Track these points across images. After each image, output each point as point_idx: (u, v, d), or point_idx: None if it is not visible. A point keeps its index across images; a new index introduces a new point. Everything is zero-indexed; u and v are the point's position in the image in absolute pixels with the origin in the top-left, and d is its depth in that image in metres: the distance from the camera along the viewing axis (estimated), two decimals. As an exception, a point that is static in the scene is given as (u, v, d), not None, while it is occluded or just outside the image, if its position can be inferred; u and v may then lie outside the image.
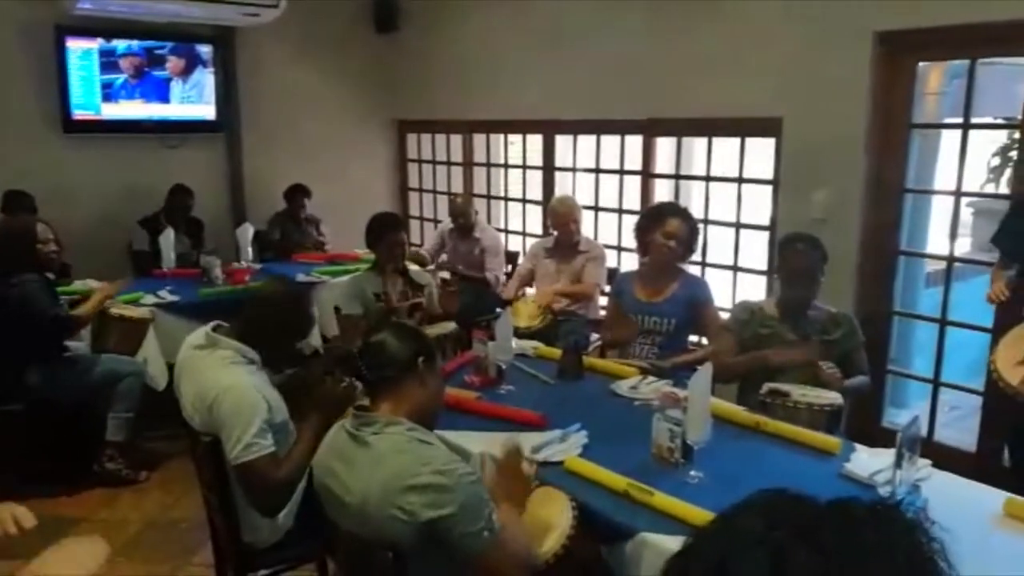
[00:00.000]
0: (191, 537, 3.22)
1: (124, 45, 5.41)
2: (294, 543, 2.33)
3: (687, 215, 3.46)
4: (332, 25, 6.24)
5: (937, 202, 4.09)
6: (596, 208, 5.23)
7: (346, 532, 1.76)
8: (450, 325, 3.61)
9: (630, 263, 4.79)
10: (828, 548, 0.66)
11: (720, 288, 4.20)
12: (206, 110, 5.79)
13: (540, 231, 5.53)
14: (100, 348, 3.88)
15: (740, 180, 4.34)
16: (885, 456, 2.10)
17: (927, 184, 4.09)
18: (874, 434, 3.57)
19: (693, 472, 2.10)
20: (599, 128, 5.04)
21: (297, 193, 5.67)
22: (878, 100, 3.61)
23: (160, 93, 5.60)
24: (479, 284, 4.95)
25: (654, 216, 3.49)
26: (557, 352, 3.13)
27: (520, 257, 5.27)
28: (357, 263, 4.96)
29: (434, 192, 6.63)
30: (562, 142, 5.46)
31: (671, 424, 2.15)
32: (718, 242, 4.55)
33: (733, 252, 4.43)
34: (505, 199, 6.13)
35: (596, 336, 4.06)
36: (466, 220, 5.07)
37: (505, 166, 6.11)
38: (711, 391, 2.87)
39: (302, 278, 4.73)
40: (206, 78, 5.75)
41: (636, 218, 3.91)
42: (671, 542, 1.78)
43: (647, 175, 4.84)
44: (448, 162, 6.41)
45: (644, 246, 3.52)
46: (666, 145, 4.84)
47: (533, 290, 4.64)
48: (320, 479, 1.84)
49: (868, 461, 2.13)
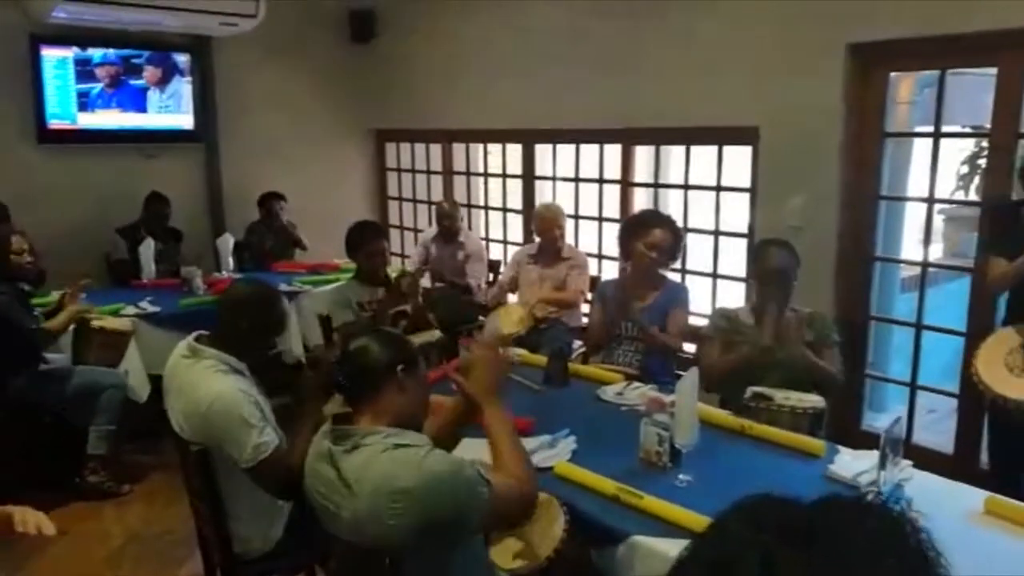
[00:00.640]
0: (176, 550, 3.19)
1: (100, 54, 5.37)
2: (284, 553, 2.33)
3: (671, 224, 3.50)
4: (310, 35, 6.25)
5: (910, 209, 4.19)
6: (576, 216, 5.27)
7: (342, 539, 1.76)
8: (435, 333, 3.62)
9: (611, 271, 4.84)
10: (818, 547, 0.68)
11: (700, 295, 4.26)
12: (184, 120, 5.75)
13: (521, 239, 5.56)
14: (81, 360, 3.84)
15: (718, 188, 4.40)
16: (868, 457, 2.14)
17: (900, 191, 4.18)
18: (854, 437, 3.63)
19: (681, 475, 2.13)
20: (578, 137, 5.09)
21: (270, 200, 5.63)
22: (852, 110, 3.69)
23: (137, 102, 5.56)
24: (463, 290, 4.96)
25: (638, 224, 3.53)
26: (542, 359, 3.15)
27: (501, 266, 5.30)
28: (338, 272, 4.96)
29: (414, 201, 6.65)
30: (542, 151, 5.51)
31: (659, 428, 2.19)
32: (697, 249, 4.61)
33: (712, 259, 4.49)
34: (485, 208, 6.15)
35: (579, 343, 4.09)
36: (452, 223, 5.09)
37: (485, 175, 6.14)
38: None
39: (284, 288, 4.71)
40: (183, 87, 5.72)
41: (617, 226, 3.95)
42: (661, 544, 1.81)
43: (626, 184, 4.90)
44: (428, 171, 6.42)
45: (627, 252, 3.56)
46: (645, 154, 4.90)
47: (515, 297, 4.66)
48: (309, 487, 1.83)
49: (852, 463, 2.18)
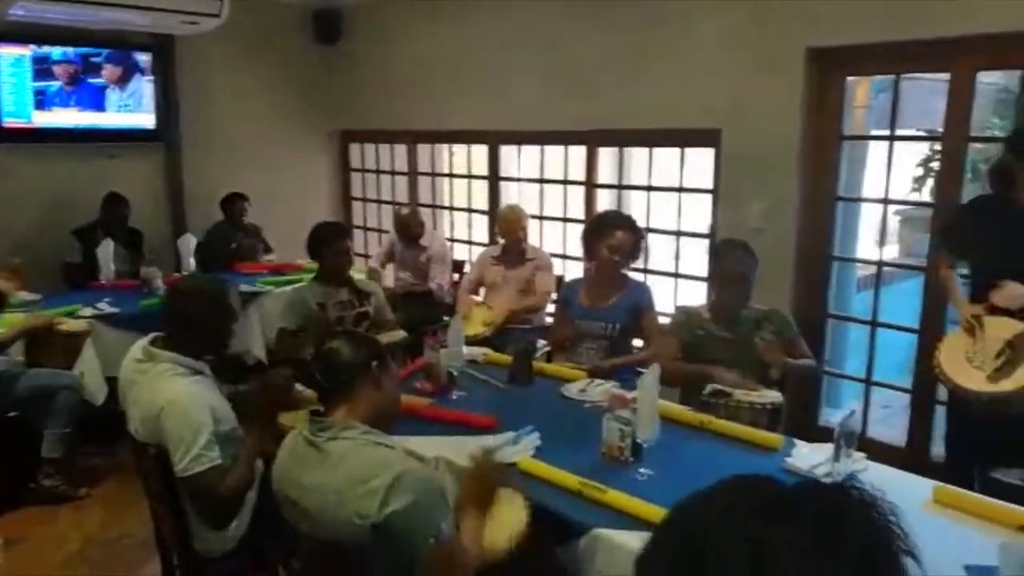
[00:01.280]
0: (135, 552, 3.15)
1: (59, 52, 5.27)
2: (247, 551, 2.31)
3: (632, 225, 3.55)
4: (274, 35, 6.20)
5: (866, 210, 4.29)
6: (541, 217, 5.30)
7: (307, 537, 1.77)
8: (400, 333, 3.62)
9: (575, 271, 4.87)
10: (802, 524, 0.71)
11: (662, 294, 4.30)
12: (145, 119, 5.67)
13: (486, 240, 5.58)
14: (34, 362, 3.76)
15: (680, 189, 4.46)
16: (824, 450, 2.20)
17: (857, 193, 4.28)
18: (812, 433, 3.69)
19: (643, 470, 2.16)
20: (543, 139, 5.13)
21: (234, 200, 5.56)
22: (811, 113, 3.77)
23: (96, 101, 5.47)
24: (423, 297, 4.96)
25: (600, 226, 3.57)
26: (507, 358, 3.17)
27: (467, 266, 5.31)
28: (301, 273, 4.92)
29: (378, 201, 6.63)
30: (507, 152, 5.53)
31: (621, 424, 2.22)
32: (660, 250, 4.66)
33: (674, 259, 4.55)
34: (450, 208, 6.16)
35: (543, 342, 4.11)
36: (418, 230, 5.09)
37: (450, 175, 6.15)
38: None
39: (246, 288, 4.68)
40: (144, 86, 5.64)
41: (581, 227, 3.98)
42: (623, 537, 1.84)
43: (590, 185, 4.94)
44: (392, 172, 6.41)
45: (590, 253, 3.60)
46: (609, 155, 4.95)
47: (480, 297, 4.67)
48: (277, 484, 1.84)
49: (808, 455, 2.23)
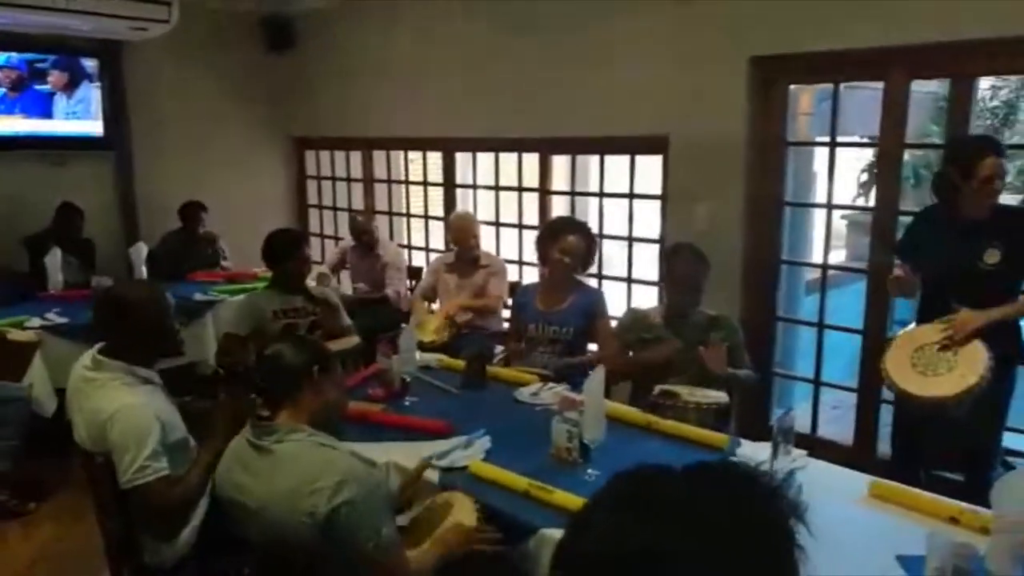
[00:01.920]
0: (86, 566, 3.08)
1: (2, 57, 5.19)
2: (198, 560, 2.30)
3: (584, 230, 3.60)
4: (227, 42, 6.16)
5: (817, 214, 4.40)
6: (497, 224, 5.35)
7: (255, 540, 1.78)
8: (354, 340, 3.63)
9: (531, 276, 4.92)
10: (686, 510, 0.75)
11: (616, 299, 4.38)
12: (93, 126, 5.59)
13: (443, 247, 5.60)
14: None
15: (631, 196, 4.54)
16: (766, 449, 2.26)
17: (805, 198, 4.40)
18: (763, 433, 3.78)
19: (590, 470, 2.21)
20: (497, 146, 5.17)
21: (192, 209, 5.52)
22: (755, 120, 3.86)
23: (42, 108, 5.38)
24: (379, 303, 4.96)
25: (552, 231, 3.63)
26: (461, 363, 3.19)
27: (423, 272, 5.32)
28: (256, 281, 4.89)
29: (334, 209, 6.61)
30: (462, 159, 5.57)
31: (569, 425, 2.26)
32: (613, 255, 4.73)
33: (627, 264, 4.62)
34: (407, 215, 6.17)
35: (501, 348, 4.15)
36: (369, 237, 5.09)
37: (406, 183, 6.16)
38: (606, 394, 3.02)
39: (199, 297, 4.65)
40: (92, 93, 5.56)
41: (536, 232, 4.03)
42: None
43: (544, 192, 5.00)
44: (348, 179, 6.40)
45: (544, 258, 3.65)
46: (564, 163, 5.02)
47: (436, 305, 4.69)
48: (223, 490, 1.85)
49: (751, 453, 2.30)
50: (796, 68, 3.76)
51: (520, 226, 5.22)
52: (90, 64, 5.53)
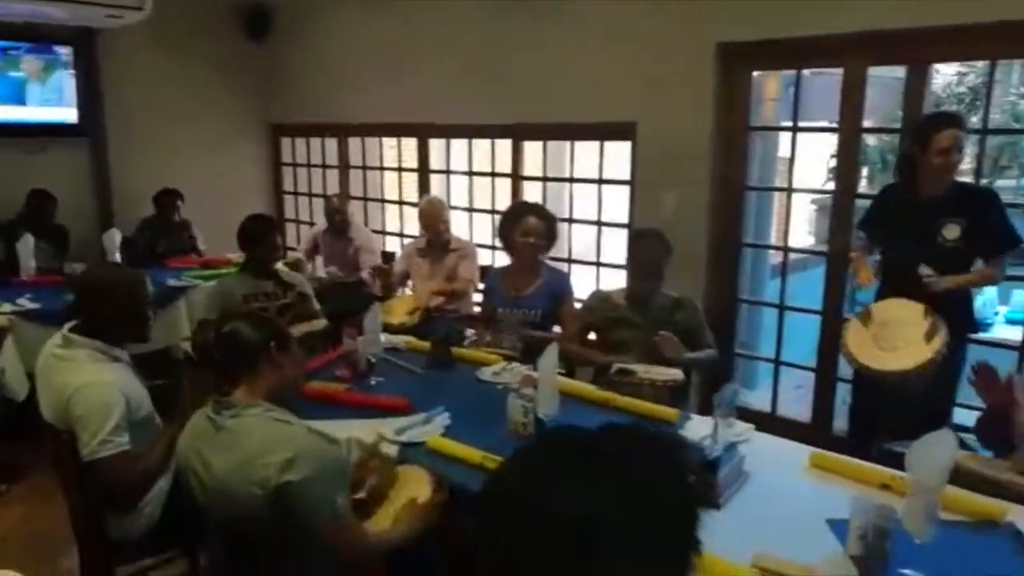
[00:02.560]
0: (55, 545, 3.13)
1: (-26, 44, 5.18)
2: (161, 534, 2.36)
3: (542, 211, 3.68)
4: (202, 29, 6.15)
5: (784, 199, 4.48)
6: (471, 209, 5.40)
7: (214, 516, 1.84)
8: (321, 322, 3.68)
9: (504, 261, 4.98)
10: (602, 461, 0.83)
11: (584, 282, 4.45)
12: (67, 113, 5.59)
13: (417, 232, 5.64)
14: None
15: (600, 181, 4.60)
16: (709, 423, 2.34)
17: (771, 182, 4.48)
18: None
19: (544, 444, 2.27)
20: (471, 132, 5.22)
21: (167, 196, 5.55)
22: (720, 105, 3.93)
23: (15, 95, 5.37)
24: (355, 286, 5.01)
25: (512, 216, 3.70)
26: (428, 345, 3.26)
27: (397, 256, 5.36)
28: (230, 267, 4.93)
29: (310, 195, 6.64)
30: (436, 145, 5.61)
31: (524, 401, 2.34)
32: (582, 240, 4.80)
33: (595, 249, 4.69)
34: (382, 201, 6.21)
35: (472, 332, 4.21)
36: (343, 217, 5.13)
37: (381, 168, 6.19)
38: (573, 374, 3.11)
39: (173, 283, 4.68)
40: (66, 80, 5.56)
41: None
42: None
43: (516, 177, 5.06)
44: (323, 165, 6.43)
45: (508, 244, 3.72)
46: (537, 149, 5.07)
47: (408, 290, 4.75)
48: (182, 463, 1.91)
49: (698, 428, 2.38)
50: (759, 55, 3.83)
51: (493, 211, 5.27)
52: (64, 51, 5.52)
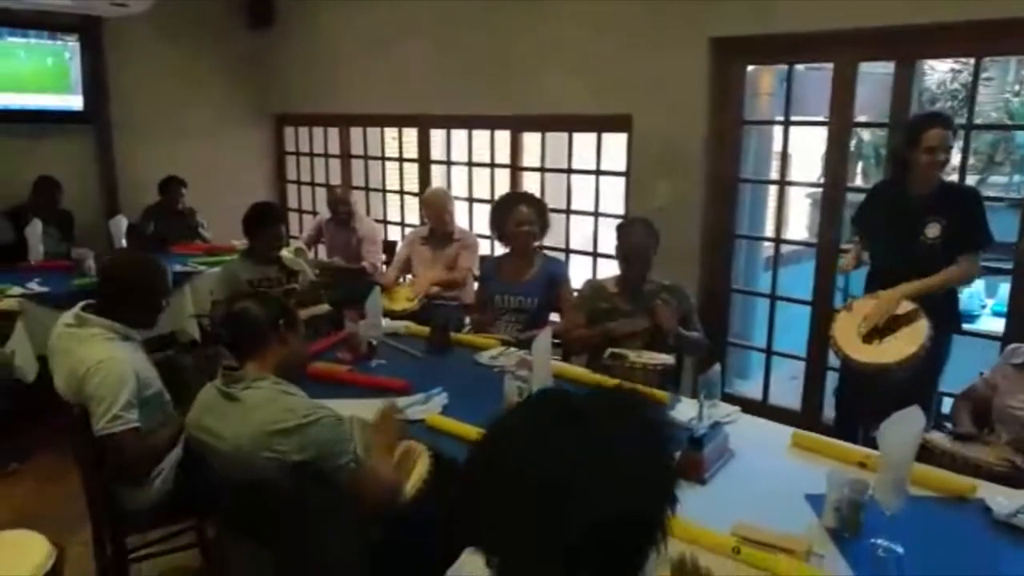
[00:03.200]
0: (68, 519, 3.22)
1: (-17, 33, 5.25)
2: (172, 506, 2.46)
3: (532, 199, 3.79)
4: (206, 18, 6.23)
5: (790, 193, 4.55)
6: (470, 199, 5.48)
7: (226, 478, 1.93)
8: (324, 307, 3.78)
9: (503, 250, 5.07)
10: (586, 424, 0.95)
11: (581, 272, 4.54)
12: (73, 100, 5.67)
13: (417, 221, 5.73)
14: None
15: (597, 172, 4.69)
16: (695, 405, 2.44)
17: (766, 175, 4.57)
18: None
19: (538, 422, 2.37)
20: (470, 123, 5.31)
21: (172, 184, 5.63)
22: (714, 99, 4.01)
23: (21, 82, 5.43)
24: (357, 274, 5.09)
25: (502, 207, 3.80)
26: (427, 330, 3.35)
27: (398, 247, 5.45)
28: (233, 254, 5.01)
29: (312, 184, 6.73)
30: (437, 136, 5.69)
31: (519, 382, 2.44)
32: (580, 231, 4.89)
33: (592, 239, 4.78)
34: (383, 191, 6.29)
35: (469, 319, 4.30)
36: (346, 208, 5.21)
37: (382, 159, 6.27)
38: (567, 360, 3.20)
39: (179, 269, 4.76)
40: (72, 69, 5.63)
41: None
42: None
43: (515, 168, 5.14)
44: (326, 155, 6.52)
45: (503, 235, 3.81)
46: (536, 140, 5.15)
47: (410, 277, 4.83)
48: (192, 433, 2.01)
49: (687, 409, 2.47)
50: (753, 49, 3.91)
51: (493, 202, 5.34)
52: (70, 39, 5.60)
